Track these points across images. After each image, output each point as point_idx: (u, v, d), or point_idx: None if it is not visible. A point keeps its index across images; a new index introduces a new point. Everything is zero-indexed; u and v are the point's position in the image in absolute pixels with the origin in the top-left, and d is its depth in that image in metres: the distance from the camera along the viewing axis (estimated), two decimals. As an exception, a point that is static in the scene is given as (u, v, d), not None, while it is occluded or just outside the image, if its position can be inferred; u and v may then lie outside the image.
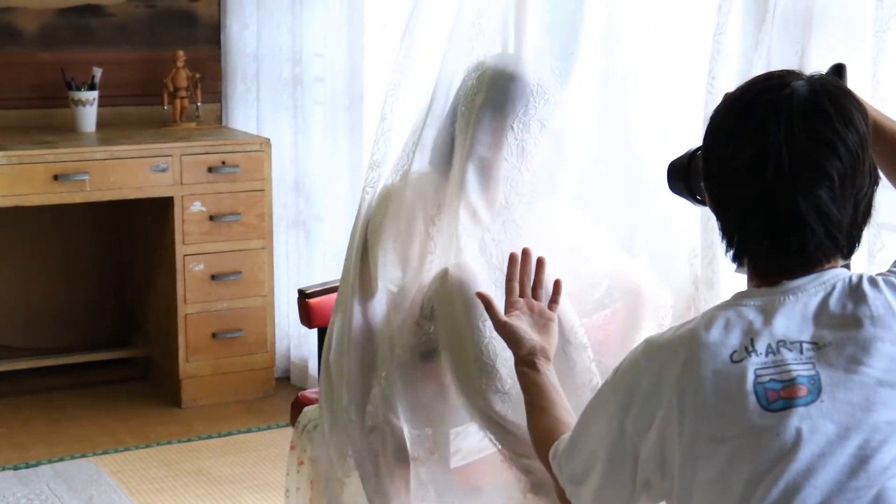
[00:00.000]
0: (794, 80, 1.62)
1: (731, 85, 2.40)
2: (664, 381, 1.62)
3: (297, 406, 2.95)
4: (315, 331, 3.16)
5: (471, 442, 2.33)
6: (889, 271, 1.66)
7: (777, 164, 1.56)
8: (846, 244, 1.62)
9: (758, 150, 1.58)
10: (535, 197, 2.35)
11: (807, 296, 1.60)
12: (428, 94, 2.35)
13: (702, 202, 1.89)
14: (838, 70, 1.87)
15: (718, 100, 2.20)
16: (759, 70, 2.47)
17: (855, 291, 1.59)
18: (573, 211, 2.44)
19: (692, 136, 2.29)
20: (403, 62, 2.40)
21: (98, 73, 4.55)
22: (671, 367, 1.62)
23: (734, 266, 1.69)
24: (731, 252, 1.66)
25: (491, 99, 2.28)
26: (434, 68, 2.37)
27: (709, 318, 1.63)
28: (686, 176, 1.90)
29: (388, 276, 2.37)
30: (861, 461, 1.52)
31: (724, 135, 1.64)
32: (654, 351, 1.67)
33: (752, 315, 1.60)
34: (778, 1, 2.47)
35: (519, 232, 2.33)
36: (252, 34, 4.78)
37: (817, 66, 2.47)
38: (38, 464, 3.96)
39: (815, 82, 1.62)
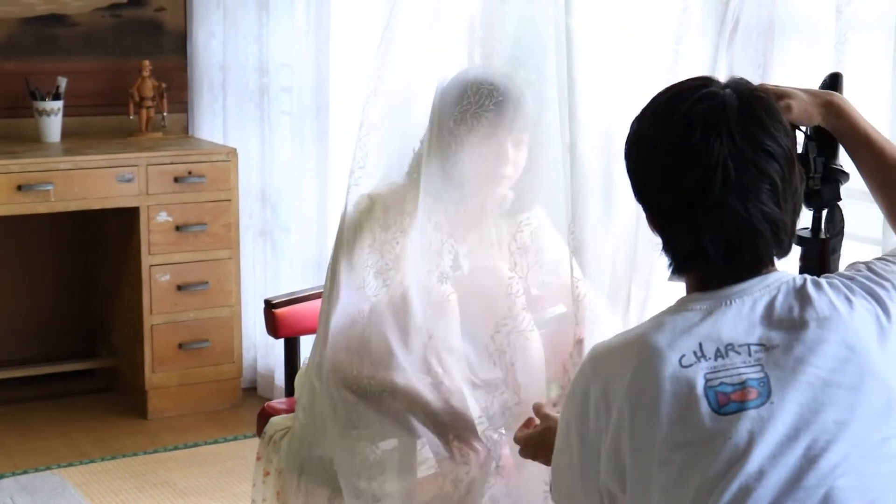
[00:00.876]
0: (718, 87, 1.63)
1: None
2: (613, 388, 1.62)
3: (264, 416, 2.94)
4: (282, 341, 3.16)
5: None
6: (838, 274, 1.68)
7: (725, 177, 1.58)
8: (787, 241, 1.65)
9: (704, 167, 1.59)
10: (513, 209, 2.37)
11: (752, 299, 1.62)
12: (403, 102, 2.36)
13: None
14: (834, 79, 1.88)
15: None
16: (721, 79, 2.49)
17: (800, 293, 1.62)
18: (546, 222, 2.45)
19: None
20: (380, 69, 2.41)
21: (63, 82, 4.53)
22: (620, 373, 1.62)
23: (669, 273, 1.69)
24: (674, 266, 1.66)
25: (474, 113, 2.29)
26: (409, 76, 2.38)
27: (657, 324, 1.64)
28: None
29: (368, 284, 2.38)
30: (810, 461, 1.53)
31: (664, 155, 1.63)
32: (600, 357, 1.68)
33: (698, 319, 1.61)
34: (741, 13, 2.49)
35: (495, 244, 2.35)
36: (218, 44, 4.78)
37: (780, 76, 2.51)
38: (2, 477, 3.93)
39: (738, 88, 1.64)
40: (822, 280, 1.64)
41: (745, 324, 1.60)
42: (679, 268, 1.67)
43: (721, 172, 1.58)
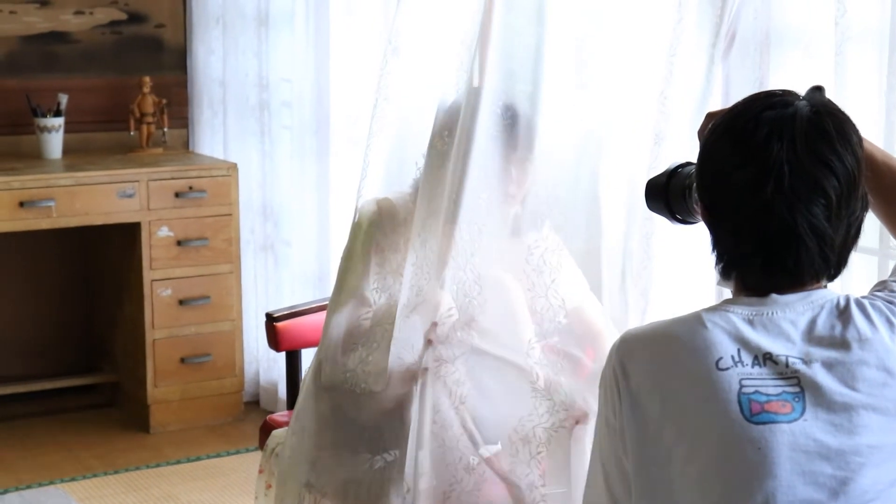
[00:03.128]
0: (796, 99, 1.63)
1: (685, 105, 2.44)
2: (635, 376, 1.61)
3: (266, 430, 2.96)
4: (283, 354, 3.17)
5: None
6: (873, 294, 1.67)
7: (778, 180, 1.57)
8: (835, 265, 1.63)
9: (760, 166, 1.58)
10: (520, 227, 2.38)
11: (795, 313, 1.60)
12: (405, 115, 2.38)
13: (680, 221, 1.90)
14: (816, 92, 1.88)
15: (670, 120, 2.21)
16: (716, 91, 2.51)
17: (843, 313, 1.60)
18: (556, 243, 2.45)
19: (661, 158, 2.33)
20: (382, 83, 2.43)
21: (64, 99, 4.55)
22: (646, 363, 1.62)
23: (718, 278, 1.69)
24: (721, 266, 1.65)
25: (482, 130, 2.30)
26: (411, 90, 2.40)
27: (695, 321, 1.62)
28: (665, 194, 1.90)
29: (369, 291, 2.40)
30: (841, 483, 1.52)
31: (726, 149, 1.63)
32: (628, 343, 1.66)
33: (739, 324, 1.60)
34: (737, 25, 2.51)
35: (497, 262, 2.36)
36: (218, 59, 4.80)
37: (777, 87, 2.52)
38: (5, 492, 3.93)
39: (817, 103, 1.63)
40: (865, 301, 1.63)
41: (787, 336, 1.59)
42: (724, 270, 1.66)
43: (775, 175, 1.57)
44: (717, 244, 1.66)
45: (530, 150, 2.37)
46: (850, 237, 1.63)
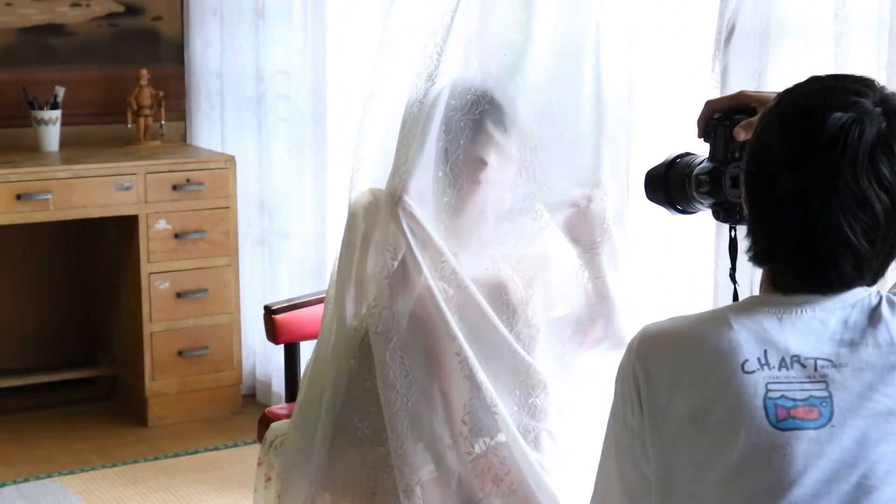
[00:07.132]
0: (871, 101, 1.52)
1: (688, 94, 2.44)
2: (662, 378, 1.55)
3: (265, 422, 2.96)
4: (282, 347, 3.17)
5: None
6: None
7: (827, 193, 1.49)
8: (871, 277, 1.56)
9: (811, 175, 1.50)
10: (514, 212, 2.38)
11: (825, 312, 1.54)
12: (399, 107, 2.38)
13: (681, 211, 1.88)
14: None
15: (672, 109, 2.19)
16: (715, 81, 2.51)
17: (874, 314, 1.54)
18: (551, 227, 2.44)
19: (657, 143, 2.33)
20: (376, 74, 2.43)
21: (61, 91, 4.54)
22: (669, 363, 1.56)
23: (747, 258, 1.62)
24: (752, 255, 1.58)
25: (462, 119, 2.30)
26: (405, 81, 2.40)
27: (719, 320, 1.56)
28: (665, 185, 1.88)
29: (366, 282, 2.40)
30: (865, 491, 1.47)
31: (780, 147, 1.54)
32: (650, 340, 1.60)
33: (767, 323, 1.54)
34: (737, 16, 2.51)
35: (493, 247, 2.36)
36: (216, 52, 4.79)
37: (776, 79, 2.52)
38: (3, 485, 3.93)
39: (891, 112, 1.52)
40: None
41: (815, 337, 1.52)
42: (755, 259, 1.59)
43: (825, 188, 1.49)
44: (753, 235, 1.58)
45: (517, 137, 2.36)
46: (892, 257, 1.56)
